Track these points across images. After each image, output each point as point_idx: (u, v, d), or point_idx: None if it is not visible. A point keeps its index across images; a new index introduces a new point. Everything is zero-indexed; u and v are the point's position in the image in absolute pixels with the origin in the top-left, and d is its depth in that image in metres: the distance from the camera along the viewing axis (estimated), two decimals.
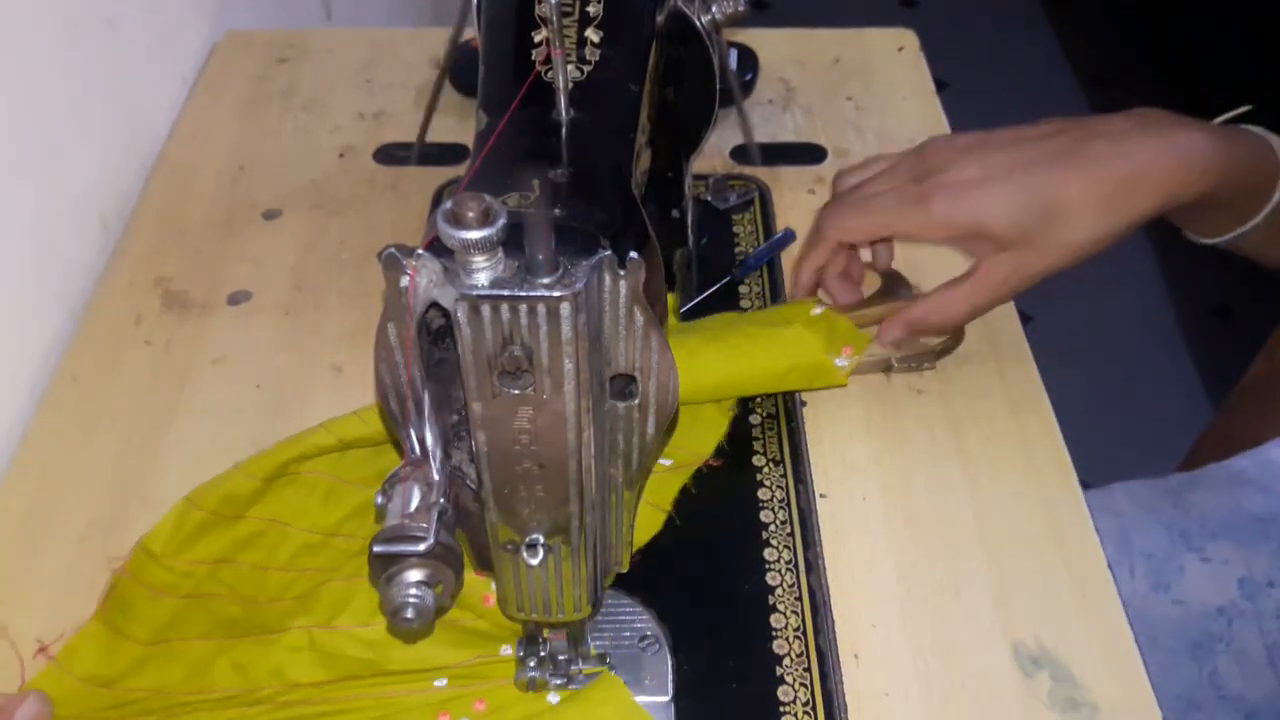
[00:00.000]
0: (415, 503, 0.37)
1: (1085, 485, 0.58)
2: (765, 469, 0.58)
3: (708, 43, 0.57)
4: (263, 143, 0.78)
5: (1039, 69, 2.20)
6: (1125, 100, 0.56)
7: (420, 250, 0.34)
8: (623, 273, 0.35)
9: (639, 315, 0.36)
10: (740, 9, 0.58)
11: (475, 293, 0.33)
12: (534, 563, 0.41)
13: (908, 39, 0.87)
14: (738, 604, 0.53)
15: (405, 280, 0.34)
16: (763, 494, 0.57)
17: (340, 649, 0.49)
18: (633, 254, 0.35)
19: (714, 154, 0.77)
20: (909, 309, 0.59)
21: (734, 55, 0.79)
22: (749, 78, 0.81)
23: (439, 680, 0.49)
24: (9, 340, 0.62)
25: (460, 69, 0.77)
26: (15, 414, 0.61)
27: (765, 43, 0.84)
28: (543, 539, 0.40)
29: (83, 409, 0.61)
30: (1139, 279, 1.78)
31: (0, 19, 0.60)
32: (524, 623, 0.47)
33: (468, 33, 0.61)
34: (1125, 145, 0.53)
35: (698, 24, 0.56)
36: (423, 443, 0.39)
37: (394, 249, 0.34)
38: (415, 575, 0.37)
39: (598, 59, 0.47)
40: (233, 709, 0.48)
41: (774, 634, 0.51)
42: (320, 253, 0.70)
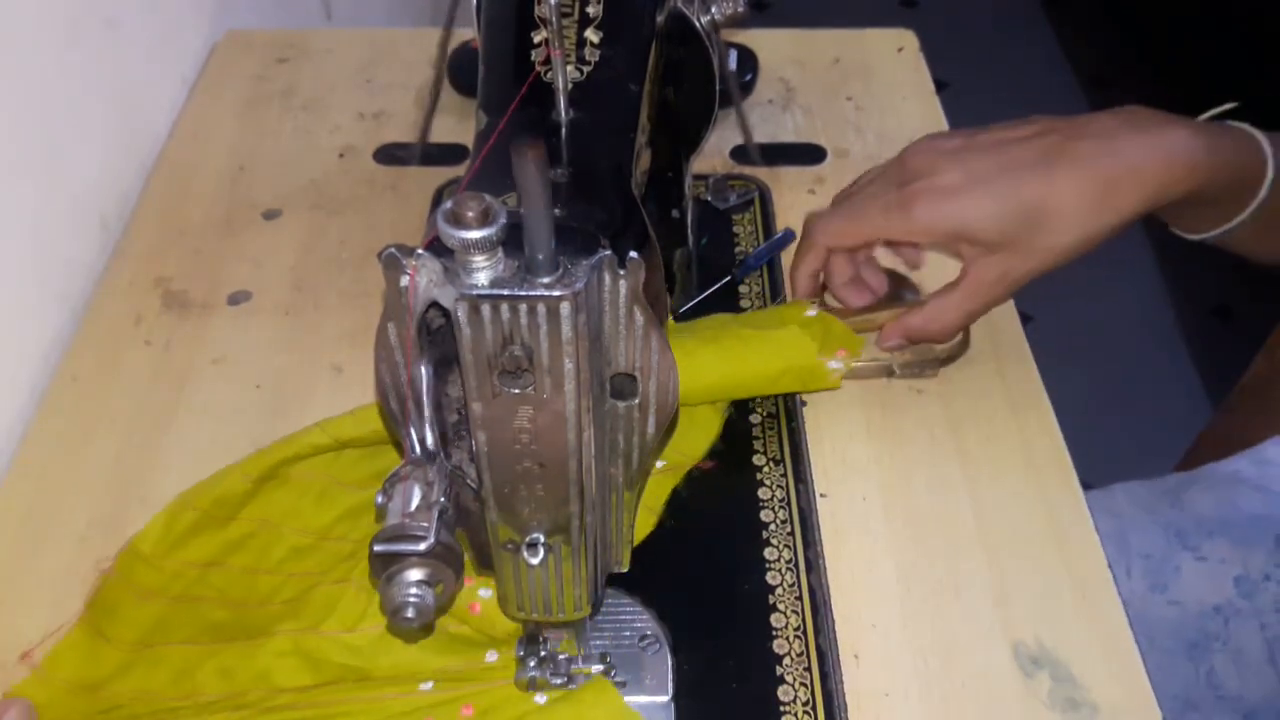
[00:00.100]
0: (415, 502, 0.37)
1: (1085, 485, 0.58)
2: (765, 468, 0.58)
3: (707, 43, 0.57)
4: (263, 143, 0.78)
5: (1039, 69, 2.20)
6: (1124, 100, 0.56)
7: (420, 250, 0.34)
8: (623, 273, 0.35)
9: (639, 315, 0.36)
10: (740, 9, 0.58)
11: (475, 292, 0.33)
12: (534, 562, 0.41)
13: (908, 39, 0.87)
14: (738, 604, 0.53)
15: (405, 280, 0.34)
16: (763, 493, 0.57)
17: (326, 654, 0.49)
18: (633, 254, 0.35)
19: (714, 154, 0.77)
20: (906, 316, 0.59)
21: (734, 55, 0.79)
22: (749, 78, 0.81)
23: (425, 683, 0.48)
24: (9, 340, 0.62)
25: (460, 69, 0.77)
26: (15, 414, 0.61)
27: (765, 43, 0.84)
28: (543, 538, 0.40)
29: (83, 409, 0.61)
30: (1139, 279, 1.78)
31: (0, 19, 0.60)
32: (524, 622, 0.47)
33: (468, 33, 0.61)
34: (1112, 144, 0.53)
35: (697, 24, 0.56)
36: (423, 443, 0.39)
37: (394, 249, 0.34)
38: (415, 575, 0.37)
39: (597, 59, 0.47)
40: (219, 713, 0.47)
41: (774, 634, 0.51)
42: (320, 253, 0.70)
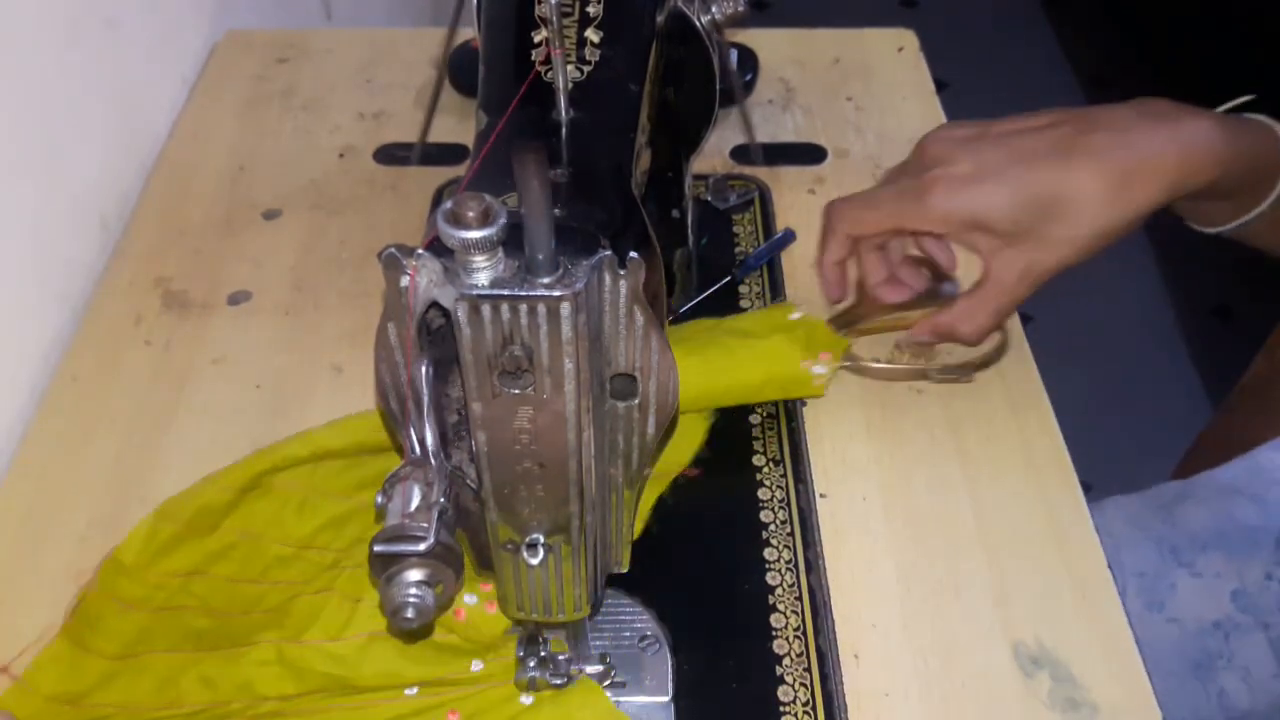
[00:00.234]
0: (415, 502, 0.37)
1: (1085, 486, 0.58)
2: (765, 469, 0.58)
3: (708, 43, 0.57)
4: (263, 143, 0.78)
5: (1039, 69, 2.20)
6: (1125, 100, 0.56)
7: (420, 250, 0.34)
8: (623, 273, 0.35)
9: (639, 315, 0.36)
10: (740, 9, 0.58)
11: (475, 293, 0.33)
12: (534, 562, 0.41)
13: (908, 39, 0.87)
14: (738, 604, 0.53)
15: (405, 280, 0.34)
16: (763, 494, 0.57)
17: (309, 664, 0.49)
18: (633, 254, 0.35)
19: (714, 154, 0.77)
20: (937, 315, 0.58)
21: (734, 55, 0.79)
22: (749, 78, 0.81)
23: (410, 689, 0.48)
24: (9, 340, 0.62)
25: (460, 69, 0.77)
26: (15, 414, 0.61)
27: (765, 43, 0.84)
28: (543, 539, 0.40)
29: (83, 409, 0.61)
30: (1139, 279, 1.78)
31: (0, 19, 0.60)
32: (524, 623, 0.47)
33: (467, 33, 0.61)
34: (1129, 135, 0.52)
35: (698, 24, 0.56)
36: (423, 443, 0.39)
37: (394, 249, 0.34)
38: (415, 575, 0.37)
39: (598, 59, 0.47)
40: None
41: (774, 634, 0.51)
42: (320, 253, 0.70)
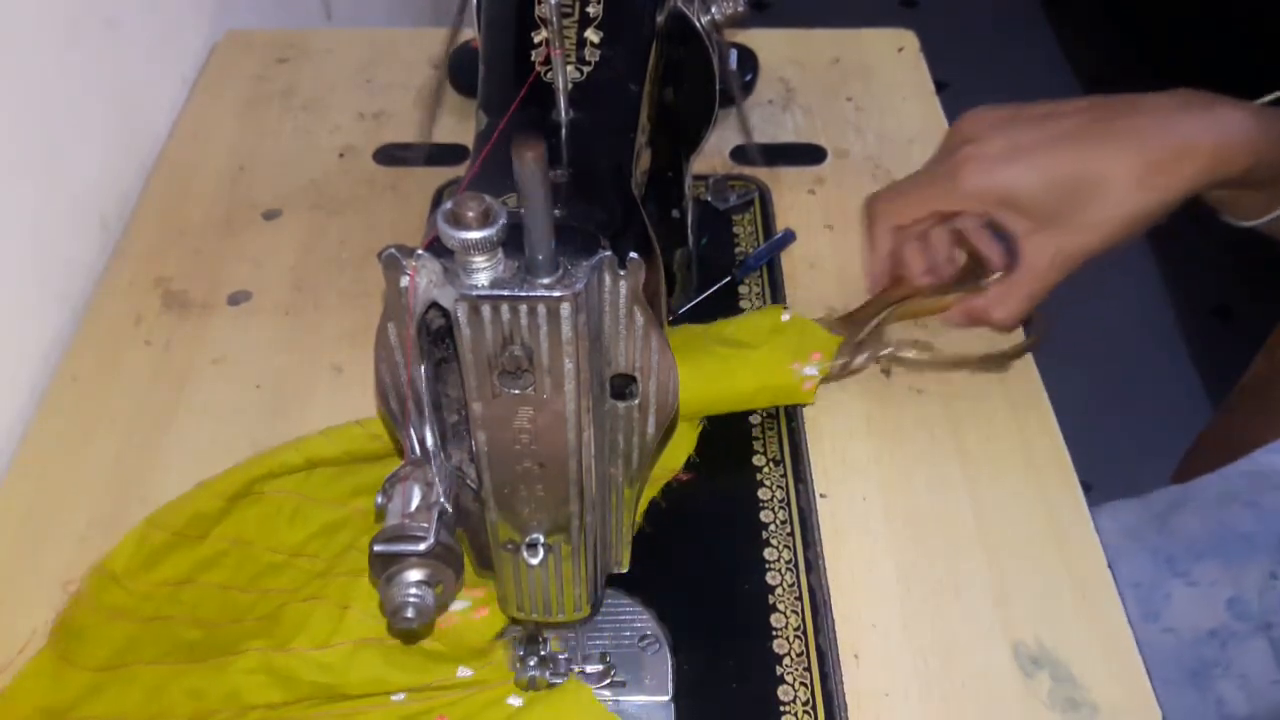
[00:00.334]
0: (415, 503, 0.37)
1: (1085, 486, 0.58)
2: (765, 469, 0.58)
3: (707, 43, 0.57)
4: (263, 143, 0.78)
5: (1039, 69, 2.20)
6: None
7: (420, 250, 0.34)
8: (623, 273, 0.35)
9: (639, 315, 0.36)
10: (740, 9, 0.58)
11: (475, 293, 0.33)
12: (534, 562, 0.41)
13: (908, 39, 0.87)
14: (738, 604, 0.53)
15: (405, 280, 0.34)
16: (763, 494, 0.57)
17: (296, 672, 0.48)
18: (633, 254, 0.35)
19: (714, 154, 0.77)
20: (970, 301, 0.59)
21: (734, 55, 0.79)
22: (749, 78, 0.81)
23: (397, 695, 0.48)
24: (9, 340, 0.62)
25: (460, 69, 0.77)
26: (15, 414, 0.61)
27: (765, 43, 0.84)
28: (543, 538, 0.40)
29: (83, 409, 0.61)
30: (1139, 279, 1.78)
31: (0, 19, 0.60)
32: (524, 623, 0.47)
33: (467, 33, 0.61)
34: (1165, 121, 0.53)
35: (697, 24, 0.56)
36: (423, 443, 0.39)
37: (394, 249, 0.34)
38: (415, 575, 0.37)
39: (598, 59, 0.47)
40: None
41: (774, 634, 0.51)
42: (320, 253, 0.70)
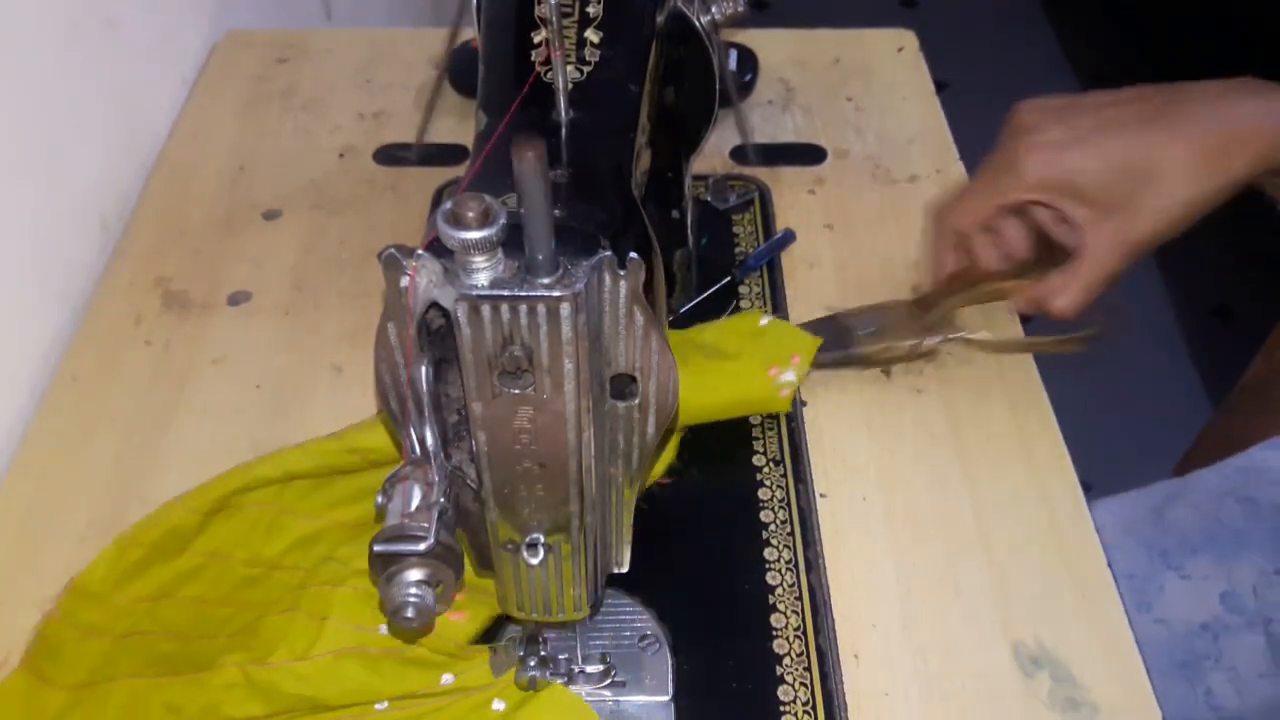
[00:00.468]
0: (415, 502, 0.37)
1: (1085, 486, 0.58)
2: (765, 469, 0.58)
3: (707, 43, 0.57)
4: (263, 143, 0.78)
5: (1039, 69, 2.20)
6: None
7: (420, 250, 0.34)
8: (623, 273, 0.35)
9: (639, 315, 0.36)
10: (740, 9, 0.58)
11: (475, 293, 0.33)
12: (534, 562, 0.41)
13: (908, 39, 0.87)
14: (738, 604, 0.53)
15: (405, 280, 0.34)
16: (763, 494, 0.57)
17: (276, 685, 0.48)
18: (633, 254, 0.35)
19: (714, 154, 0.77)
20: (1034, 287, 0.59)
21: (734, 55, 0.79)
22: (749, 78, 0.81)
23: (380, 704, 0.48)
24: (9, 340, 0.62)
25: (460, 69, 0.77)
26: (15, 414, 0.61)
27: (765, 43, 0.84)
28: (543, 538, 0.40)
29: (83, 409, 0.61)
30: (1139, 279, 1.77)
31: (0, 19, 0.60)
32: (524, 623, 0.47)
33: (468, 33, 0.61)
34: (1221, 107, 0.53)
35: (697, 24, 0.56)
36: (423, 443, 0.39)
37: (394, 249, 0.34)
38: (415, 575, 0.37)
39: (598, 59, 0.47)
40: None
41: (774, 634, 0.51)
42: (320, 253, 0.70)
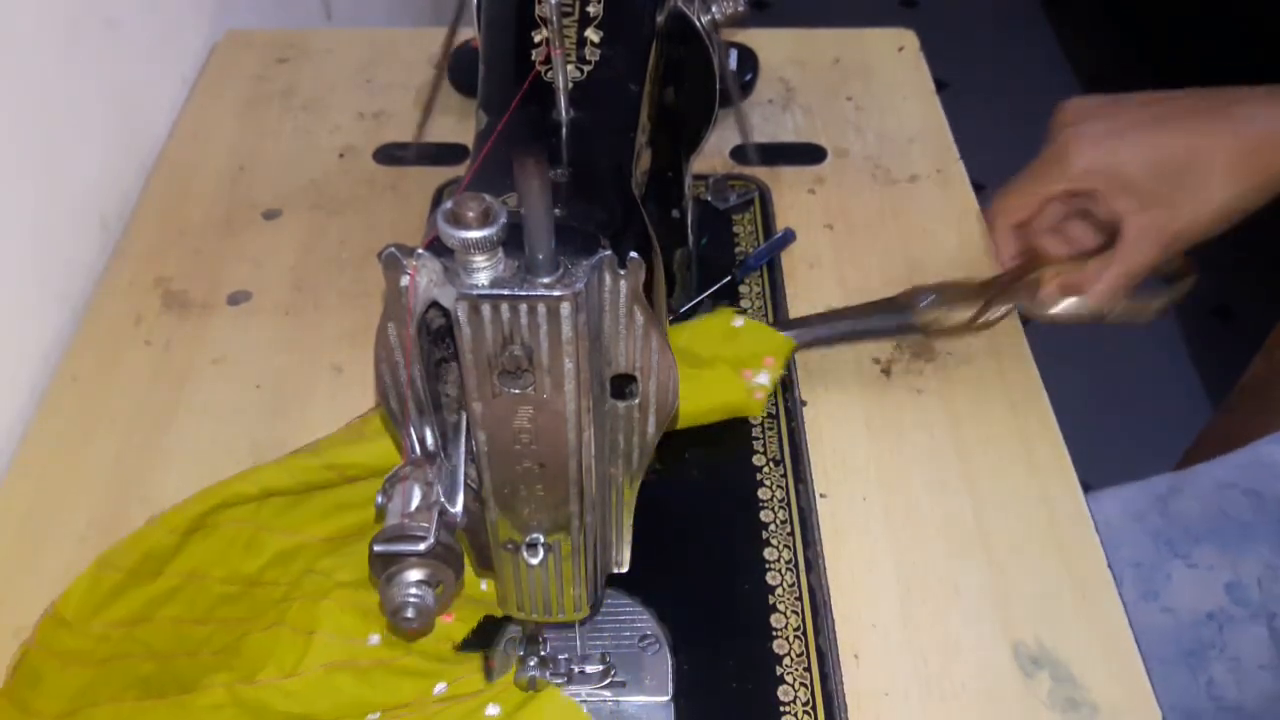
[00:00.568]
0: (415, 503, 0.37)
1: (1085, 486, 0.58)
2: (765, 469, 0.58)
3: (707, 43, 0.57)
4: (263, 143, 0.78)
5: (1039, 69, 2.20)
6: None
7: (420, 250, 0.34)
8: (623, 273, 0.35)
9: (639, 315, 0.36)
10: (740, 9, 0.58)
11: (475, 292, 0.33)
12: (534, 562, 0.41)
13: (908, 39, 0.87)
14: (738, 604, 0.53)
15: (405, 280, 0.34)
16: (763, 494, 0.57)
17: (265, 703, 0.47)
18: (633, 254, 0.35)
19: (714, 154, 0.77)
20: (1072, 274, 0.60)
21: (734, 55, 0.79)
22: (749, 78, 0.81)
23: (372, 715, 0.48)
24: (9, 340, 0.62)
25: (460, 69, 0.77)
26: (15, 414, 0.61)
27: (765, 43, 0.84)
28: (543, 538, 0.40)
29: (83, 409, 0.61)
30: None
31: (0, 19, 0.60)
32: (524, 622, 0.47)
33: (468, 33, 0.61)
34: (1264, 109, 0.54)
35: (698, 24, 0.56)
36: (423, 443, 0.39)
37: (394, 249, 0.34)
38: (415, 575, 0.37)
39: (598, 59, 0.47)
40: None
41: (774, 634, 0.51)
42: (320, 253, 0.70)
